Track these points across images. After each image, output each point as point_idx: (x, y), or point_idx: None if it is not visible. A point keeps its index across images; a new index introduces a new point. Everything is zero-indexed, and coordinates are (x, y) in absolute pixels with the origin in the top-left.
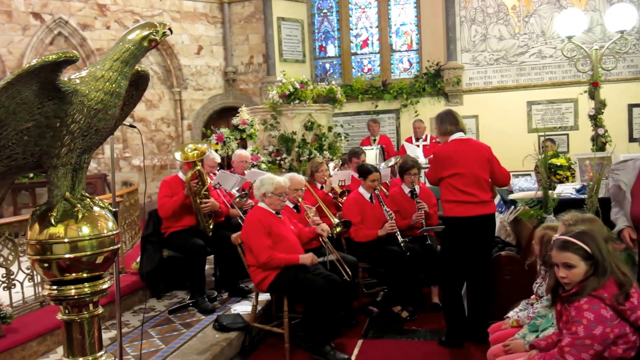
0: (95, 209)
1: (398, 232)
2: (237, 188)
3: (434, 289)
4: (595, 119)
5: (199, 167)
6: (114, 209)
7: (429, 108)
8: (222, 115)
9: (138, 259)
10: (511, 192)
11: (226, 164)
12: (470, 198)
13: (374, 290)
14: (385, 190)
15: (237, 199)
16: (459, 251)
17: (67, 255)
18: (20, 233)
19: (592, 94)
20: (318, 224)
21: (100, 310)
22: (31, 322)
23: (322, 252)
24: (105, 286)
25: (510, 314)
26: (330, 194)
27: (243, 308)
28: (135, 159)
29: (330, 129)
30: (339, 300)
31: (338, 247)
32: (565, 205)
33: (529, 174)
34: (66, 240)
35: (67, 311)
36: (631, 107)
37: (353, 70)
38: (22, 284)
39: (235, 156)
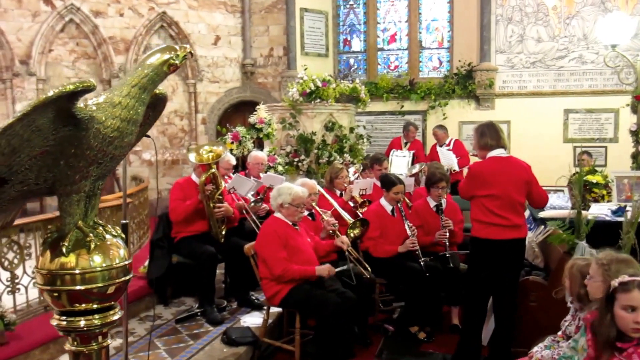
0: (107, 236)
1: (419, 250)
2: (252, 193)
3: (454, 310)
4: (637, 135)
5: (213, 170)
6: (123, 221)
7: (458, 111)
8: (239, 109)
9: (146, 263)
10: (542, 208)
11: (241, 164)
12: (503, 222)
13: (391, 308)
14: (408, 200)
15: (252, 204)
16: (485, 273)
17: (77, 287)
18: (27, 237)
19: (635, 108)
20: (334, 224)
21: (109, 341)
22: (35, 328)
23: (340, 266)
24: (115, 317)
25: (535, 349)
26: (350, 203)
27: (253, 320)
28: (145, 153)
29: (352, 130)
30: (353, 319)
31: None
32: (599, 228)
33: (562, 190)
34: (77, 271)
35: (75, 342)
36: None
37: (379, 66)
38: (26, 287)
39: (250, 158)
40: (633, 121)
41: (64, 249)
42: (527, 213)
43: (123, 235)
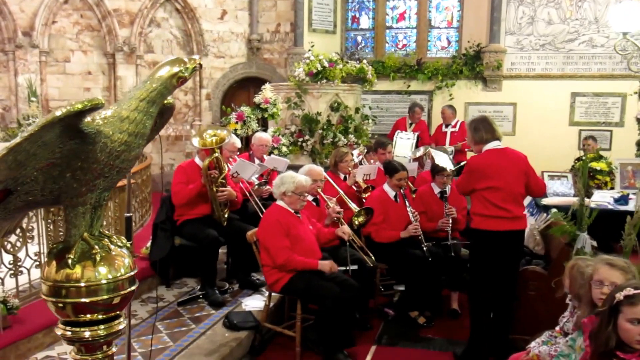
0: (112, 247)
1: (422, 235)
2: (256, 176)
3: (453, 295)
4: None
5: (217, 155)
6: (127, 214)
7: (465, 92)
8: (244, 85)
9: (148, 244)
10: (545, 194)
11: (245, 144)
12: (504, 213)
13: (391, 292)
14: (411, 185)
15: (256, 187)
16: (488, 264)
17: (83, 300)
18: (30, 220)
19: None
20: (339, 212)
21: (114, 349)
22: (37, 311)
23: (342, 253)
24: (121, 327)
25: (532, 344)
26: (354, 187)
27: (254, 303)
28: None
29: (357, 110)
30: (354, 306)
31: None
32: (601, 217)
33: (566, 176)
34: (83, 284)
35: (80, 352)
36: None
37: (387, 45)
38: (29, 270)
39: (255, 139)
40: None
41: (69, 262)
42: (529, 199)
43: (128, 245)
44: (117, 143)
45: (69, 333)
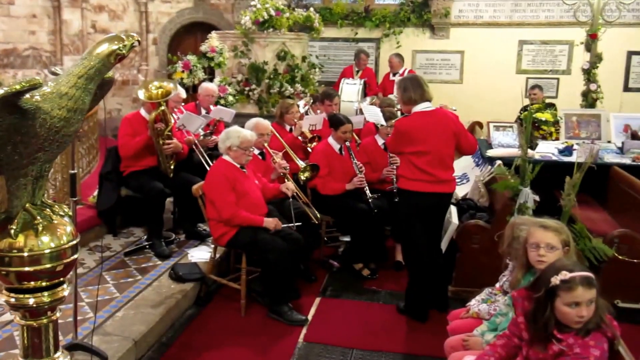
0: (54, 215)
1: (367, 188)
2: (202, 127)
3: (397, 246)
4: (589, 74)
5: (162, 108)
6: (72, 171)
7: (412, 40)
8: (191, 31)
9: (95, 193)
10: (490, 145)
11: (192, 93)
12: (428, 177)
13: (337, 244)
14: (357, 137)
15: (202, 137)
16: (412, 222)
17: (26, 269)
18: None
19: (589, 47)
20: (285, 167)
21: (58, 315)
22: None
23: (287, 205)
24: (65, 293)
25: (472, 302)
26: (300, 138)
27: (200, 254)
28: None
29: (304, 59)
30: (299, 259)
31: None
32: (545, 169)
33: (511, 127)
34: (26, 254)
35: (25, 318)
36: (631, 54)
37: None
38: None
39: (201, 89)
40: (586, 59)
41: (12, 232)
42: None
43: (70, 213)
44: (56, 119)
45: (13, 300)
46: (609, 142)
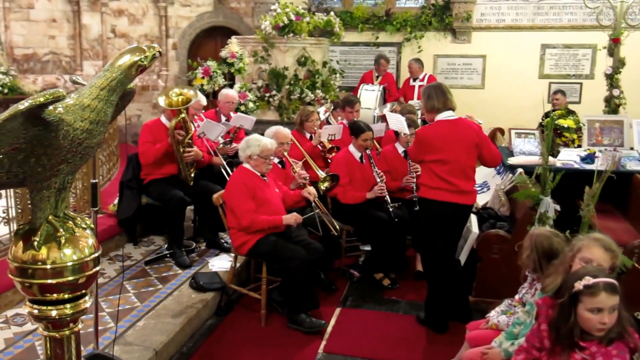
0: (77, 229)
1: (387, 196)
2: (222, 135)
3: (418, 256)
4: (612, 79)
5: (183, 115)
6: (93, 180)
7: (434, 44)
8: (210, 35)
9: (116, 201)
10: (511, 153)
11: (212, 99)
12: (449, 187)
13: (357, 253)
14: (378, 145)
15: (222, 146)
16: (431, 232)
17: (49, 281)
18: None
19: (612, 51)
20: (305, 177)
21: (80, 326)
22: (6, 269)
23: (307, 212)
24: (87, 305)
25: (492, 314)
26: (319, 147)
27: (221, 264)
28: None
29: (325, 64)
30: (320, 268)
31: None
32: (567, 177)
33: (533, 134)
34: (49, 266)
35: (47, 329)
36: None
37: None
38: None
39: (221, 96)
40: (609, 64)
41: (35, 244)
42: None
43: (92, 226)
44: (79, 131)
45: (36, 311)
46: (632, 149)
